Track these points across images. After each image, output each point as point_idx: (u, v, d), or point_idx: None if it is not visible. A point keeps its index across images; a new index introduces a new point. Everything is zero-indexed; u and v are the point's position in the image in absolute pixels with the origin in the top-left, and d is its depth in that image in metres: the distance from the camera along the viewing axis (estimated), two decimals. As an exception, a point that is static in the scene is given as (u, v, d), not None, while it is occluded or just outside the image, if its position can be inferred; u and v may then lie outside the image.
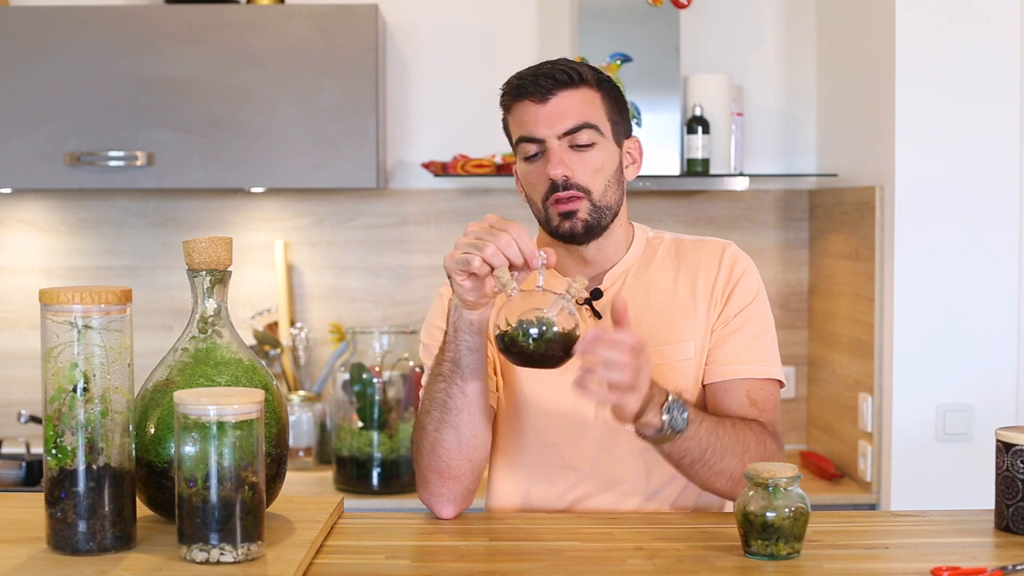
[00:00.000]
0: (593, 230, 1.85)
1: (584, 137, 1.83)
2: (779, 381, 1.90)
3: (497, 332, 1.63)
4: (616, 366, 1.58)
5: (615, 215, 1.88)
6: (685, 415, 1.68)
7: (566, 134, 1.82)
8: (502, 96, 1.89)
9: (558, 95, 1.83)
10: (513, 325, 1.61)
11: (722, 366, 1.87)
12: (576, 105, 1.83)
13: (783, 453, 1.85)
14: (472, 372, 1.76)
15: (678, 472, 1.79)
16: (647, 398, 1.63)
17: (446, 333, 1.78)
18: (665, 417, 1.66)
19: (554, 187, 1.83)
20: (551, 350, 1.60)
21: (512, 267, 1.66)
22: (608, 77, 1.91)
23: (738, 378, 1.86)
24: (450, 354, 1.77)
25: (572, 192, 1.83)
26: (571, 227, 1.84)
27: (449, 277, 1.70)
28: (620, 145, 1.89)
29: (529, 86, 1.84)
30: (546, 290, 1.64)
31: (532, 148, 1.85)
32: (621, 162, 1.89)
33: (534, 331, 1.60)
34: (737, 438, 1.76)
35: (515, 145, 1.89)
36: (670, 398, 1.68)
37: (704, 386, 1.90)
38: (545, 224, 1.88)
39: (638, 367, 1.59)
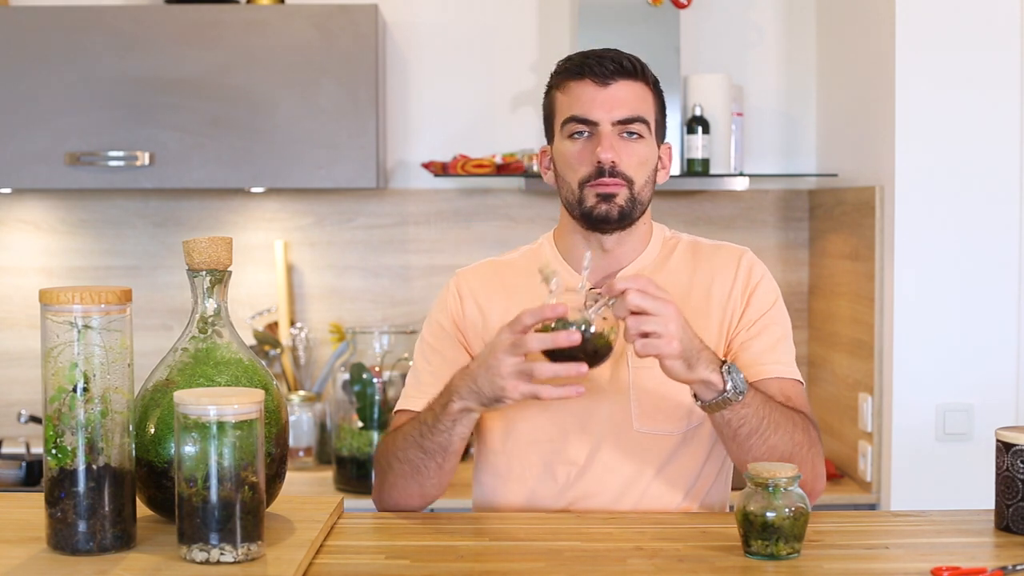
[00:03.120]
0: (625, 218, 1.86)
1: (636, 128, 1.84)
2: (801, 383, 1.91)
3: (537, 329, 1.63)
4: (650, 320, 1.61)
5: (644, 211, 1.89)
6: (742, 376, 1.70)
7: (620, 122, 1.84)
8: (557, 72, 1.89)
9: (620, 82, 1.84)
10: (553, 324, 1.61)
11: (749, 368, 1.87)
12: (634, 96, 1.85)
13: (821, 447, 1.86)
14: (456, 453, 1.81)
15: (728, 450, 1.80)
16: (696, 350, 1.66)
17: (434, 408, 1.78)
18: (727, 377, 1.69)
19: (600, 172, 1.83)
20: (590, 349, 1.61)
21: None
22: (657, 80, 1.92)
23: (768, 377, 1.86)
24: (440, 438, 1.78)
25: (616, 179, 1.83)
26: (607, 210, 1.84)
27: (499, 399, 1.70)
28: (658, 147, 1.91)
29: (595, 66, 1.84)
30: (589, 290, 1.65)
31: (582, 128, 1.85)
32: (657, 163, 1.90)
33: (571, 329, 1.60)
34: (786, 413, 1.78)
35: (561, 123, 1.88)
36: (727, 361, 1.70)
37: None
38: (576, 206, 1.87)
39: (667, 316, 1.62)
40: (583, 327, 1.61)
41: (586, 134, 1.85)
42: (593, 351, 1.62)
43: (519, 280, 1.95)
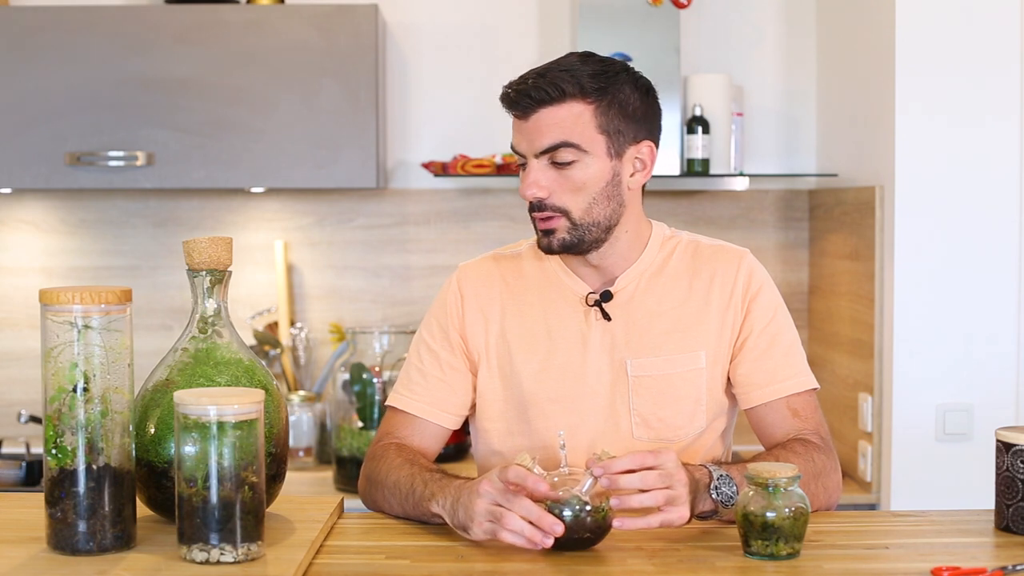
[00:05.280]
0: (573, 247, 1.84)
1: (562, 155, 1.79)
2: (815, 388, 1.91)
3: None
4: (644, 495, 1.58)
5: (608, 228, 1.85)
6: (734, 486, 1.67)
7: (543, 152, 1.80)
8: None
9: (538, 112, 1.80)
10: (548, 504, 1.58)
11: (761, 388, 1.87)
12: (556, 123, 1.79)
13: (835, 451, 1.87)
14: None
15: None
16: (691, 491, 1.63)
17: (418, 487, 1.75)
18: (715, 496, 1.67)
19: (532, 205, 1.83)
20: (586, 528, 1.58)
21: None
22: (624, 80, 1.82)
23: (781, 397, 1.87)
24: (418, 515, 1.76)
25: (547, 212, 1.82)
26: (548, 244, 1.84)
27: (464, 529, 1.64)
28: (620, 155, 1.83)
29: (514, 99, 1.82)
30: (573, 470, 1.62)
31: (519, 159, 1.85)
32: (618, 175, 1.83)
33: (567, 512, 1.58)
34: (804, 465, 1.75)
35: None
36: (715, 476, 1.67)
37: (746, 410, 1.91)
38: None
39: (663, 481, 1.59)
40: (578, 507, 1.58)
41: (524, 164, 1.84)
42: (595, 527, 1.59)
43: (522, 276, 1.96)
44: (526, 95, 1.80)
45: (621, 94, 1.82)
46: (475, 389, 1.96)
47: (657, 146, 1.88)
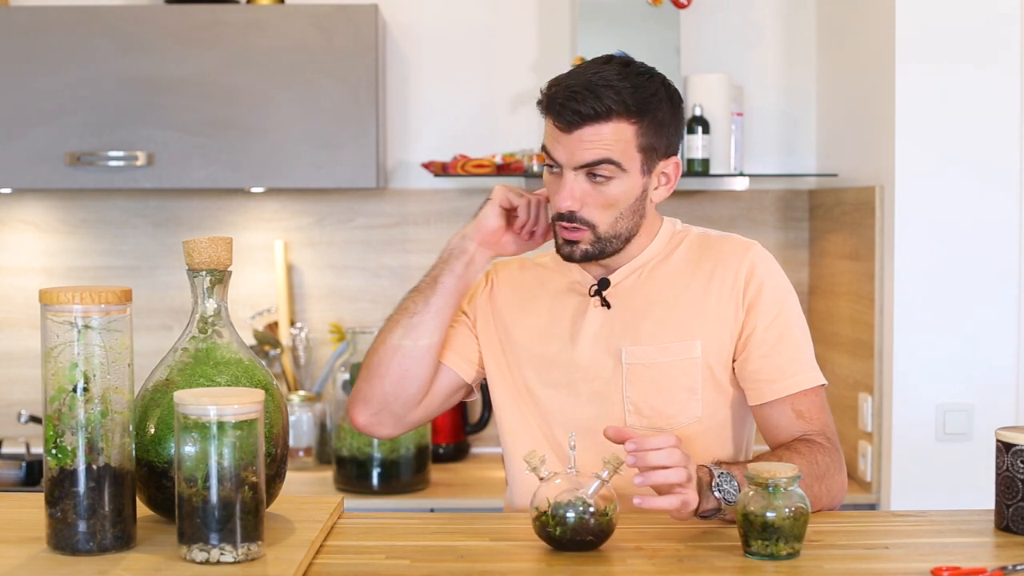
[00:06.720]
0: (594, 257, 1.85)
1: (602, 171, 1.79)
2: (822, 385, 1.90)
3: (535, 513, 1.61)
4: (669, 471, 1.59)
5: (628, 239, 1.86)
6: (735, 483, 1.67)
7: (583, 167, 1.79)
8: (542, 92, 1.84)
9: (584, 128, 1.77)
10: (552, 505, 1.59)
11: (767, 385, 1.86)
12: (600, 140, 1.78)
13: (840, 451, 1.87)
14: (444, 292, 1.89)
15: None
16: (697, 486, 1.64)
17: (439, 258, 1.92)
18: (717, 495, 1.66)
19: (561, 214, 1.82)
20: (589, 531, 1.59)
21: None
22: (662, 96, 1.82)
23: (786, 395, 1.86)
24: (434, 272, 1.90)
25: (576, 224, 1.82)
26: (569, 253, 1.85)
27: (483, 207, 1.92)
28: (651, 171, 1.84)
29: (559, 110, 1.78)
30: (581, 472, 1.63)
31: (552, 163, 1.84)
32: (645, 190, 1.84)
33: (571, 513, 1.58)
34: (807, 467, 1.74)
35: (541, 147, 1.87)
36: (716, 474, 1.67)
37: (752, 408, 1.91)
38: (554, 235, 1.89)
39: (684, 461, 1.60)
40: (581, 508, 1.58)
41: (556, 170, 1.83)
42: (599, 530, 1.59)
43: (537, 278, 1.98)
44: (574, 110, 1.77)
45: (660, 112, 1.82)
46: (480, 356, 1.98)
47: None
